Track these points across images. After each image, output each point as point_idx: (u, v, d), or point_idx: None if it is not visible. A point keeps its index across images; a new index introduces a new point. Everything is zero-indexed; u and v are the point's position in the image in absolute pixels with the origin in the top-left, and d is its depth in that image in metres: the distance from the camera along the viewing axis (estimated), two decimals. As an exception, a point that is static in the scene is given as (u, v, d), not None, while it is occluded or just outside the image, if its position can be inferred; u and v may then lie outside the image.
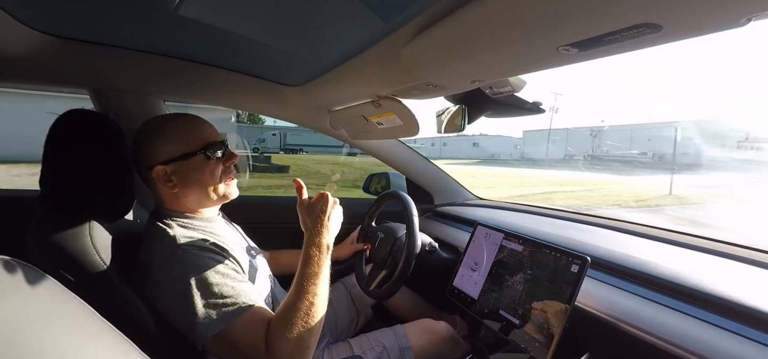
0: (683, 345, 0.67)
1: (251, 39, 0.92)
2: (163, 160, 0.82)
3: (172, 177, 0.83)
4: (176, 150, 0.83)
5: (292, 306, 0.74)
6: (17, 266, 0.44)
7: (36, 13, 0.80)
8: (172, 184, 0.83)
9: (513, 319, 0.92)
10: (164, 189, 0.84)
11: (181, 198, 0.85)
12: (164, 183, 0.83)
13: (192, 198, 0.86)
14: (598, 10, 0.43)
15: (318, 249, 0.80)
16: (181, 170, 0.83)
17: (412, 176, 1.81)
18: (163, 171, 0.82)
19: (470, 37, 0.59)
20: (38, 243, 0.72)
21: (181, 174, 0.83)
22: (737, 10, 0.39)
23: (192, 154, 0.84)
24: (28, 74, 1.09)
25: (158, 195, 0.87)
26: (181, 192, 0.85)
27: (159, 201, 0.88)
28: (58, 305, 0.45)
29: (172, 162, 0.83)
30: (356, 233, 1.43)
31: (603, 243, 1.05)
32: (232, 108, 1.81)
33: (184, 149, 0.83)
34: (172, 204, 0.86)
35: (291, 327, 0.72)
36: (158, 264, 0.76)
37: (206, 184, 0.86)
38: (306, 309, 0.74)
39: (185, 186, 0.84)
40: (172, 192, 0.84)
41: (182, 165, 0.83)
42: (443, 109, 1.18)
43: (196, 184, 0.85)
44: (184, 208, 0.87)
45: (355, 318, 1.38)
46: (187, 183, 0.84)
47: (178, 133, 0.84)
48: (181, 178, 0.84)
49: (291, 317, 0.73)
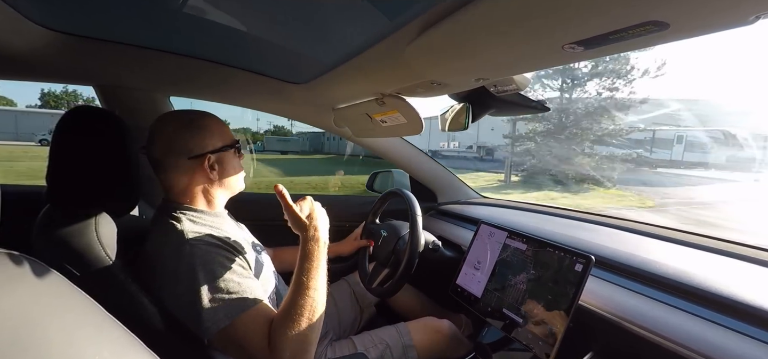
0: (687, 344, 0.67)
1: (256, 37, 0.93)
2: (210, 149, 0.88)
3: (215, 165, 0.88)
4: (220, 141, 0.90)
5: (292, 303, 0.75)
6: (24, 261, 0.44)
7: (44, 10, 0.81)
8: (216, 173, 0.89)
9: (516, 318, 0.92)
10: (203, 178, 0.88)
11: (215, 186, 0.91)
12: (209, 171, 0.88)
13: (225, 187, 0.93)
14: (605, 8, 0.43)
15: (316, 243, 0.82)
16: (222, 160, 0.90)
17: (416, 174, 1.81)
18: (213, 159, 0.88)
19: (475, 35, 0.59)
20: (45, 238, 0.73)
21: (223, 164, 0.90)
22: (745, 7, 0.38)
23: (229, 147, 0.91)
24: (35, 70, 1.10)
25: (185, 186, 0.87)
26: (218, 181, 0.90)
27: (180, 194, 0.88)
28: (65, 299, 0.45)
29: (217, 152, 0.89)
30: (360, 230, 1.43)
31: (607, 242, 1.04)
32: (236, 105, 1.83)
33: (222, 142, 0.90)
34: (194, 196, 0.89)
35: (292, 324, 0.73)
36: (166, 258, 0.77)
37: (237, 175, 0.95)
38: (306, 305, 0.76)
39: (224, 175, 0.91)
40: (211, 180, 0.89)
41: (223, 156, 0.90)
42: (447, 107, 1.18)
43: (231, 174, 0.93)
44: (205, 200, 0.90)
45: (358, 316, 1.38)
46: (224, 173, 0.91)
47: (215, 128, 0.90)
48: (222, 168, 0.90)
49: (292, 314, 0.74)
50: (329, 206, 0.97)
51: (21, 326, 0.37)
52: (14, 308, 0.38)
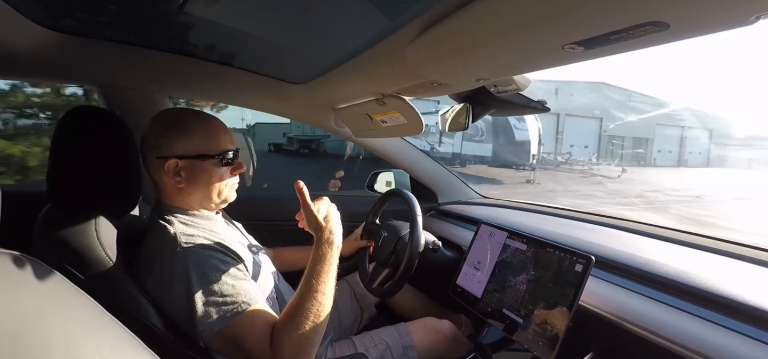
0: (688, 345, 0.67)
1: (257, 36, 0.93)
2: (179, 154, 0.83)
3: (181, 172, 0.84)
4: (195, 148, 0.84)
5: (299, 305, 0.75)
6: (25, 261, 0.44)
7: (45, 10, 0.81)
8: (179, 179, 0.84)
9: (516, 318, 0.92)
10: (169, 182, 0.85)
11: (184, 194, 0.86)
12: (172, 176, 0.83)
13: (195, 197, 0.87)
14: (605, 8, 0.43)
15: (330, 247, 0.81)
16: (193, 168, 0.84)
17: (416, 174, 1.81)
18: (174, 164, 0.83)
19: (475, 36, 0.58)
20: (45, 238, 0.73)
21: (191, 171, 0.84)
22: (746, 8, 0.38)
23: (209, 156, 0.85)
24: (36, 70, 1.11)
25: (160, 188, 0.87)
26: (186, 189, 0.85)
27: (160, 194, 0.88)
28: (65, 300, 0.45)
29: (187, 158, 0.83)
30: (360, 230, 1.43)
31: (607, 243, 1.04)
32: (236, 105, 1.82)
33: (203, 150, 0.84)
34: (173, 198, 0.87)
35: (298, 326, 0.73)
36: (160, 262, 0.77)
37: (211, 187, 0.87)
38: (313, 309, 0.76)
39: (191, 184, 0.85)
40: (177, 186, 0.85)
41: (196, 164, 0.84)
42: (448, 107, 1.18)
43: (203, 185, 0.86)
44: (186, 205, 0.88)
45: (358, 316, 1.38)
46: (194, 181, 0.85)
47: (201, 133, 0.85)
48: (189, 176, 0.84)
49: (298, 316, 0.74)
50: None
51: (21, 326, 0.37)
52: (14, 308, 0.38)
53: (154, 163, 0.85)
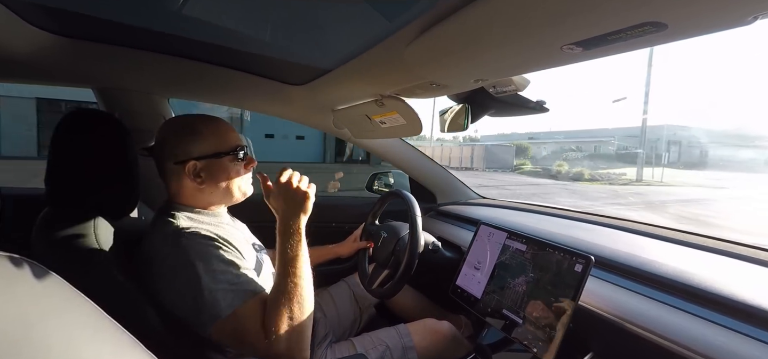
0: (688, 345, 0.67)
1: (256, 38, 0.93)
2: (197, 155, 0.86)
3: (201, 173, 0.86)
4: (210, 148, 0.87)
5: (280, 291, 0.77)
6: (23, 263, 0.44)
7: (43, 13, 0.81)
8: (201, 180, 0.87)
9: (516, 318, 0.92)
10: (190, 184, 0.87)
11: (205, 193, 0.89)
12: (193, 178, 0.86)
13: (217, 194, 0.90)
14: (603, 9, 0.43)
15: (289, 233, 0.82)
16: (211, 167, 0.87)
17: (415, 175, 1.81)
18: (194, 166, 0.86)
19: (474, 37, 0.59)
20: (44, 240, 0.72)
21: (210, 171, 0.87)
22: (743, 8, 0.38)
23: (224, 153, 0.88)
24: (34, 73, 1.11)
25: (177, 189, 0.88)
26: (207, 188, 0.88)
27: (176, 195, 0.89)
28: (64, 302, 0.45)
29: (205, 158, 0.86)
30: (359, 231, 1.43)
31: (607, 243, 1.04)
32: (235, 107, 1.81)
33: (217, 149, 0.88)
34: (189, 198, 0.88)
35: (282, 311, 0.76)
36: (163, 253, 0.78)
37: (231, 182, 0.91)
38: (293, 292, 0.78)
39: (212, 182, 0.88)
40: (199, 187, 0.87)
41: (213, 162, 0.87)
42: (446, 108, 1.18)
43: (223, 181, 0.89)
44: (201, 204, 0.90)
45: (358, 317, 1.38)
46: (214, 179, 0.88)
47: (211, 133, 0.88)
48: (209, 175, 0.87)
49: (280, 300, 0.76)
50: (329, 207, 0.97)
51: (20, 328, 0.37)
52: (13, 310, 0.38)
53: (172, 169, 0.87)
